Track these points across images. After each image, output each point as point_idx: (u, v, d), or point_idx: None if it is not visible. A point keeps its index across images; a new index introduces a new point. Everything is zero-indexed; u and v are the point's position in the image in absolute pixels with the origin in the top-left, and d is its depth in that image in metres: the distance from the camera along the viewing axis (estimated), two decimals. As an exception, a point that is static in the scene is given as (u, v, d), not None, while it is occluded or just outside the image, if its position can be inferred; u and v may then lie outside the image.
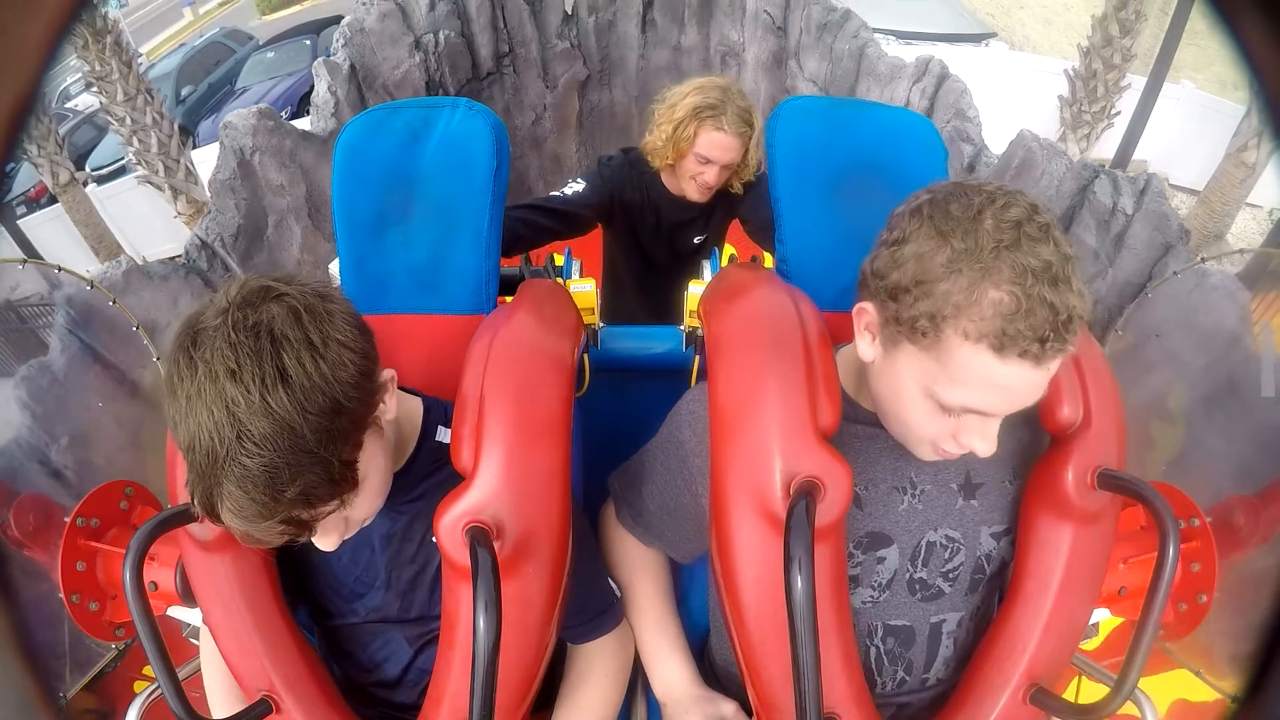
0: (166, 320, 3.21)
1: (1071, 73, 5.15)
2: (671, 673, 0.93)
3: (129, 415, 3.03)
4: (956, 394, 0.67)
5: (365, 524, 0.77)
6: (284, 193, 3.58)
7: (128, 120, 4.92)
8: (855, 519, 0.81)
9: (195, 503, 0.63)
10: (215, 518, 0.64)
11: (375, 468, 0.72)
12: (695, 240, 1.81)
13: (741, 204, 1.73)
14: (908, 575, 0.83)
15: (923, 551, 0.82)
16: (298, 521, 0.65)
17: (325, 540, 0.71)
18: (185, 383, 0.61)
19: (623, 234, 1.80)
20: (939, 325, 0.65)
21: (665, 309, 1.88)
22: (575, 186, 1.68)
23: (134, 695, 0.89)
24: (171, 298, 3.25)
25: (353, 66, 3.77)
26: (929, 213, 0.68)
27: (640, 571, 0.98)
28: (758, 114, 1.56)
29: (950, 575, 0.83)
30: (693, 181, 1.61)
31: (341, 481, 0.66)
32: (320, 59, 3.77)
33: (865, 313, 0.74)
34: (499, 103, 4.35)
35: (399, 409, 0.79)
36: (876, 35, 3.94)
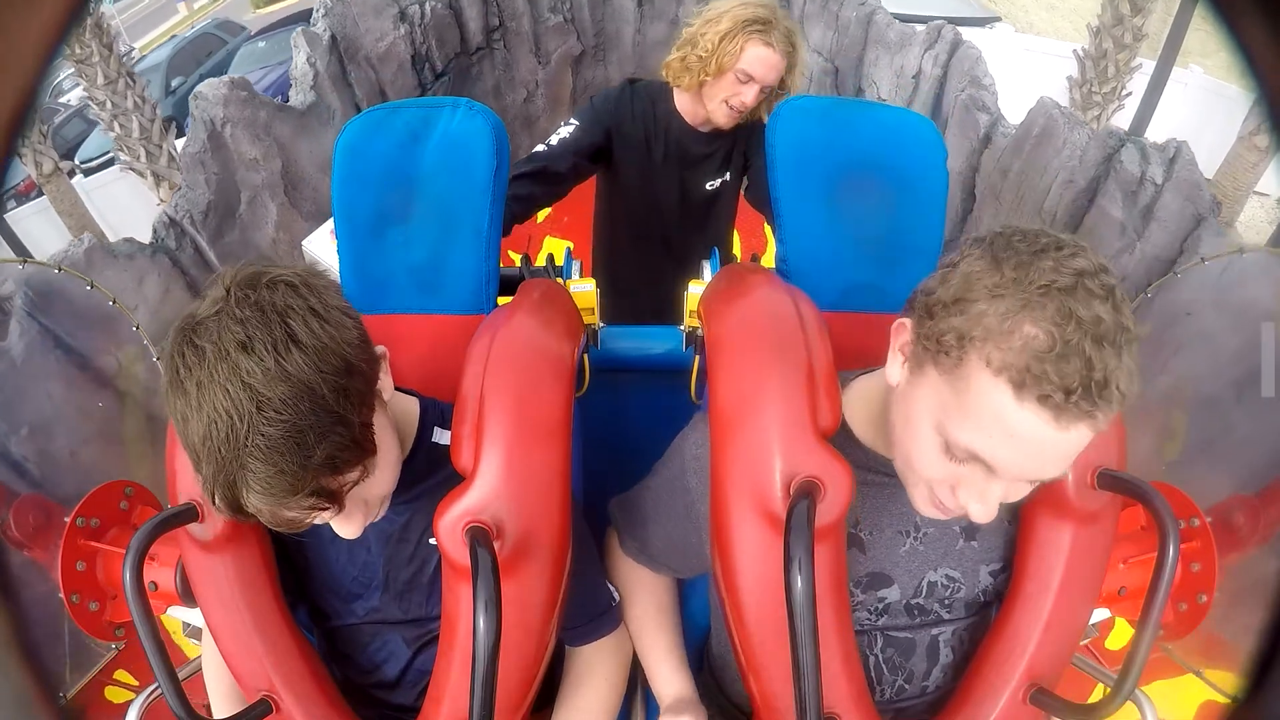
0: (132, 303, 3.04)
1: (1081, 53, 5.07)
2: (671, 683, 0.93)
3: (95, 406, 2.84)
4: (965, 432, 0.63)
5: (381, 510, 0.77)
6: (258, 167, 3.43)
7: (108, 104, 4.84)
8: (858, 561, 0.80)
9: (216, 499, 0.62)
10: (239, 509, 0.63)
11: (385, 441, 0.72)
12: (708, 186, 1.66)
13: (754, 161, 1.63)
14: (904, 602, 0.83)
15: (923, 590, 0.83)
16: (326, 493, 0.65)
17: (350, 524, 0.71)
18: (194, 371, 0.61)
19: (624, 176, 1.64)
20: (964, 347, 0.61)
21: (668, 286, 1.68)
22: (564, 131, 1.54)
23: (103, 701, 0.89)
24: (137, 278, 3.07)
25: (334, 37, 3.61)
26: (991, 240, 0.64)
27: (644, 590, 0.99)
28: (800, 38, 1.51)
29: (946, 604, 0.84)
30: (724, 105, 1.50)
31: (364, 443, 0.67)
32: (299, 29, 3.59)
33: (902, 330, 0.70)
34: (489, 79, 4.22)
35: (395, 408, 0.79)
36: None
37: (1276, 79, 0.32)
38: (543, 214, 3.95)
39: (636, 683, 1.05)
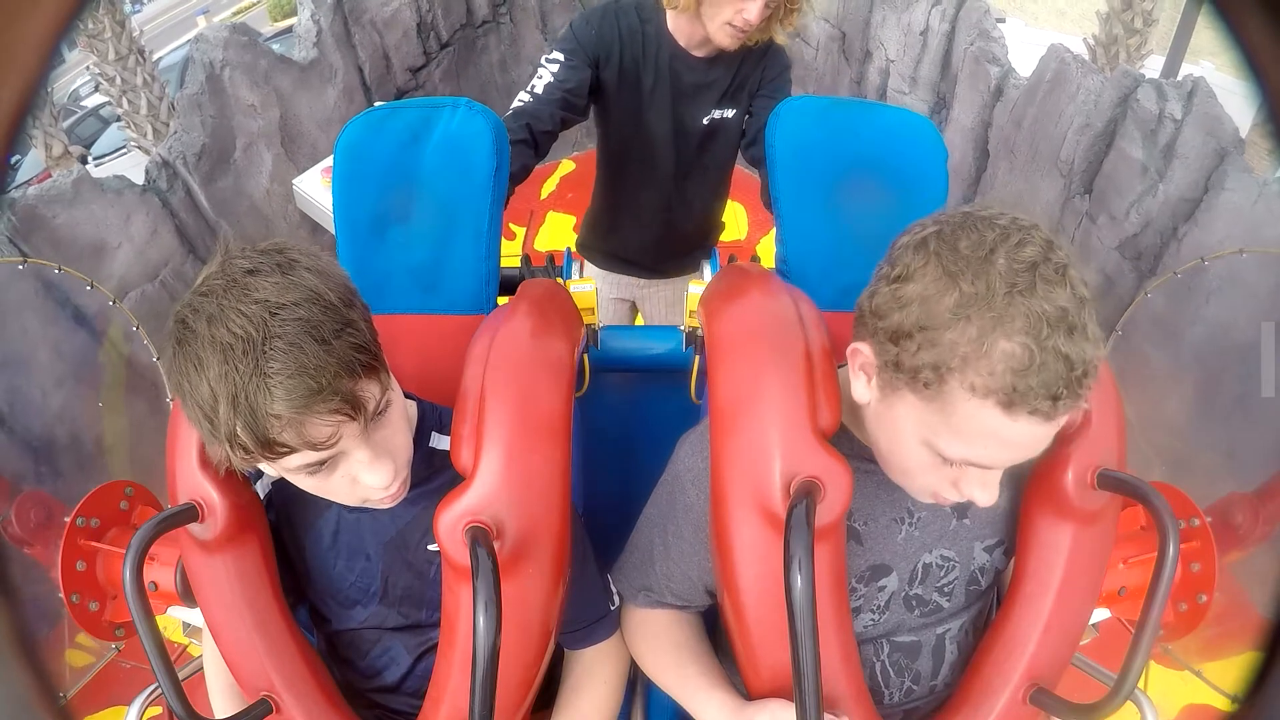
0: (117, 241, 2.93)
1: (1092, 40, 5.02)
2: (710, 702, 0.85)
3: (72, 346, 2.65)
4: (958, 448, 0.64)
5: (403, 490, 0.77)
6: (256, 114, 3.38)
7: (118, 80, 4.82)
8: (856, 554, 0.80)
9: (239, 432, 0.62)
10: (264, 439, 0.62)
11: (397, 400, 0.74)
12: (704, 120, 1.51)
13: (759, 101, 1.48)
14: (904, 593, 0.83)
15: (919, 573, 0.83)
16: (350, 396, 0.65)
17: (378, 467, 0.70)
18: (203, 311, 0.63)
19: (614, 109, 1.50)
20: (943, 377, 0.61)
21: (666, 232, 1.61)
22: (546, 72, 1.39)
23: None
24: (124, 215, 2.95)
25: (338, -2, 3.58)
26: (935, 248, 0.63)
27: (652, 639, 0.92)
28: None
29: (946, 590, 0.84)
30: (728, 26, 1.33)
31: (375, 353, 0.69)
32: None
33: (860, 354, 0.71)
34: (495, 52, 4.17)
35: None
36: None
37: (1277, 78, 0.32)
38: (546, 189, 3.92)
39: (636, 684, 1.05)
